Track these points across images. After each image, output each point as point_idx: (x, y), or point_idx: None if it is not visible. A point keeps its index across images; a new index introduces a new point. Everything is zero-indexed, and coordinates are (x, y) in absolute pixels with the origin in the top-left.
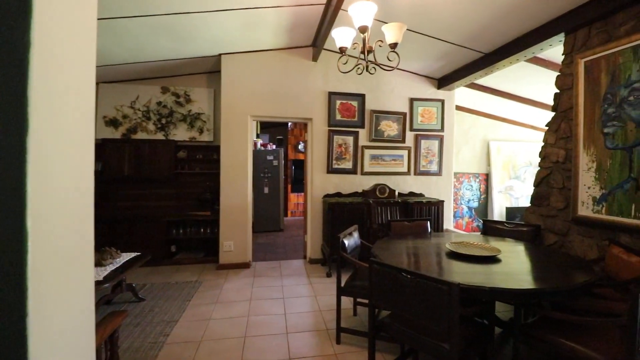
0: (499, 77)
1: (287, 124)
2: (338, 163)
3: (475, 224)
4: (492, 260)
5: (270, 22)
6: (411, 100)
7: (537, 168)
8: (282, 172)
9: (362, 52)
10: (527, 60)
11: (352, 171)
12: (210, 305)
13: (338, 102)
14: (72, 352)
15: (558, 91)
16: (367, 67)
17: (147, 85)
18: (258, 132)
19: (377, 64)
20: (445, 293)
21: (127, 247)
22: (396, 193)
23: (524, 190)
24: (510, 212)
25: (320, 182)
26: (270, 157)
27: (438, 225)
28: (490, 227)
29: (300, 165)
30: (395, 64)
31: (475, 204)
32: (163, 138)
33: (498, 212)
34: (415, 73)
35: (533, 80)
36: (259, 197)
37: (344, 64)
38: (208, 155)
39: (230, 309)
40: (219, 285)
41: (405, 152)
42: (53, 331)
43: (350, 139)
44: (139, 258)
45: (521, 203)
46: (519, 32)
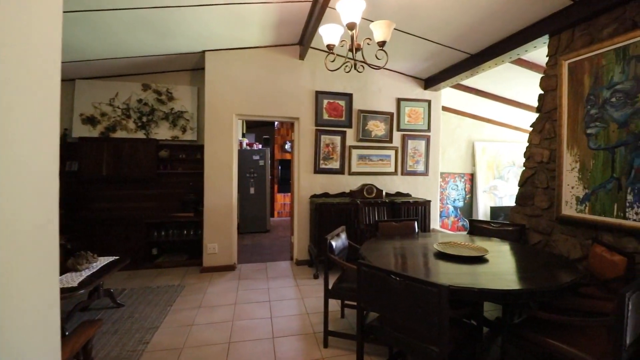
0: (485, 78)
1: (273, 123)
2: (325, 163)
3: (461, 223)
4: (480, 260)
5: (256, 19)
6: (398, 101)
7: (520, 168)
8: (268, 172)
9: (350, 49)
10: (511, 62)
11: (340, 171)
12: (193, 310)
13: (325, 102)
14: None
15: (542, 92)
16: (355, 65)
17: (127, 82)
18: (244, 131)
19: (365, 63)
20: (434, 295)
21: (105, 251)
22: (383, 193)
23: (508, 189)
24: (495, 211)
25: (308, 183)
26: (256, 157)
27: (425, 225)
28: (476, 227)
29: (287, 165)
30: (383, 62)
31: (460, 203)
32: (144, 137)
33: (483, 212)
34: (402, 73)
35: (517, 81)
36: (244, 198)
37: (332, 61)
38: (191, 155)
39: (214, 314)
40: (203, 289)
41: (392, 152)
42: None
43: (337, 139)
44: (117, 262)
45: (505, 202)
46: (505, 33)
